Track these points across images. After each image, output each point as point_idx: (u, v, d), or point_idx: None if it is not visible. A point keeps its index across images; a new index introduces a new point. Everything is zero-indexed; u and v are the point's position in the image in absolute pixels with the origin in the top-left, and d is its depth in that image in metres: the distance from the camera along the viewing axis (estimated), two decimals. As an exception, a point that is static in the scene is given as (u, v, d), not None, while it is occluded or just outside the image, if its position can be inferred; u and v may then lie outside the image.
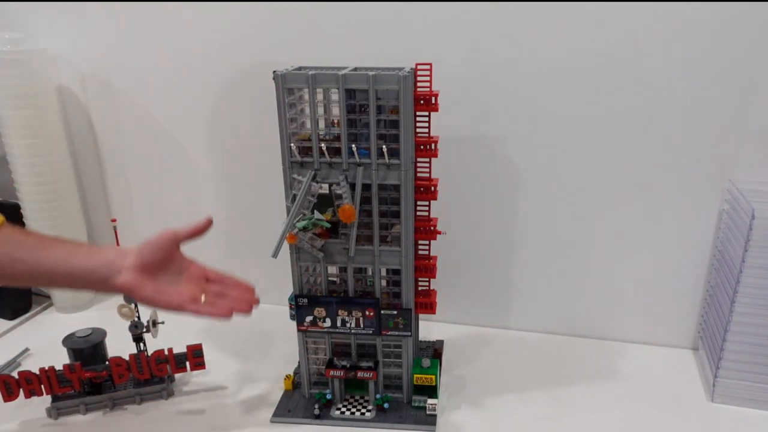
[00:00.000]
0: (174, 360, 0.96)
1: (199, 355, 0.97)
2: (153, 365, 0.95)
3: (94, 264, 0.71)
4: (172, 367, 0.96)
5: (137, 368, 0.95)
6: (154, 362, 0.95)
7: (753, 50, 0.90)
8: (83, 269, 0.71)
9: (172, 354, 0.96)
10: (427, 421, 0.91)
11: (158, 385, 0.98)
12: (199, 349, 0.97)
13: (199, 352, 0.97)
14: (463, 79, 1.01)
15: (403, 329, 0.90)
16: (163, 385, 0.98)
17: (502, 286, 1.15)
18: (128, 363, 0.94)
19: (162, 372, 0.96)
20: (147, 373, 0.95)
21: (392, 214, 0.85)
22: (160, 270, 0.73)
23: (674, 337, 1.10)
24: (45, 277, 0.73)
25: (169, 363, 0.95)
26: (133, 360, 0.95)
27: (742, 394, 0.94)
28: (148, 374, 0.95)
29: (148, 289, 0.71)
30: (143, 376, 0.95)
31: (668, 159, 0.99)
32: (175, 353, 0.96)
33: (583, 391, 0.99)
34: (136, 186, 1.26)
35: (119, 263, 0.71)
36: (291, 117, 0.82)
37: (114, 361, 0.94)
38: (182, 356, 0.96)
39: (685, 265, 1.05)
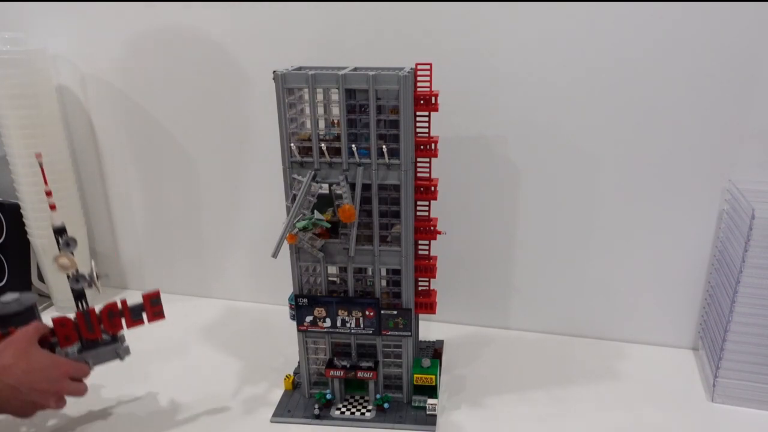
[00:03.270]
0: (129, 312, 0.85)
1: (157, 303, 0.86)
2: (105, 320, 0.84)
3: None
4: (127, 320, 0.85)
5: (86, 327, 0.84)
6: (105, 317, 0.84)
7: (753, 50, 0.90)
8: None
9: (126, 305, 0.85)
10: (427, 421, 0.91)
11: (111, 346, 0.87)
12: (156, 297, 0.86)
13: (156, 299, 0.86)
14: (463, 79, 1.01)
15: (403, 329, 0.90)
16: (115, 345, 0.88)
17: (502, 286, 1.15)
18: (75, 322, 0.84)
19: (116, 327, 0.85)
20: (98, 332, 0.85)
21: (392, 214, 0.85)
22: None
23: (674, 337, 1.10)
24: None
25: (123, 316, 0.85)
26: (81, 317, 0.84)
27: (742, 394, 0.94)
28: (98, 332, 0.85)
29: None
30: (93, 335, 0.85)
31: (668, 159, 0.99)
32: (129, 305, 0.85)
33: (583, 391, 0.99)
34: (136, 186, 1.26)
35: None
36: (291, 117, 0.82)
37: (58, 322, 0.84)
38: (138, 307, 0.86)
39: (685, 265, 1.05)
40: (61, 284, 1.24)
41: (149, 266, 1.33)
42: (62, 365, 0.79)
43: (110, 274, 1.36)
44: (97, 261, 1.34)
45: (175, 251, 1.30)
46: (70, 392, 0.81)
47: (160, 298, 0.87)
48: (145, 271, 1.34)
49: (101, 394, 0.99)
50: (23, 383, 0.74)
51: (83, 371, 0.84)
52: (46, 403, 0.78)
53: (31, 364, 0.75)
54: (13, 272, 1.22)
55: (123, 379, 1.03)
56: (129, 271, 1.35)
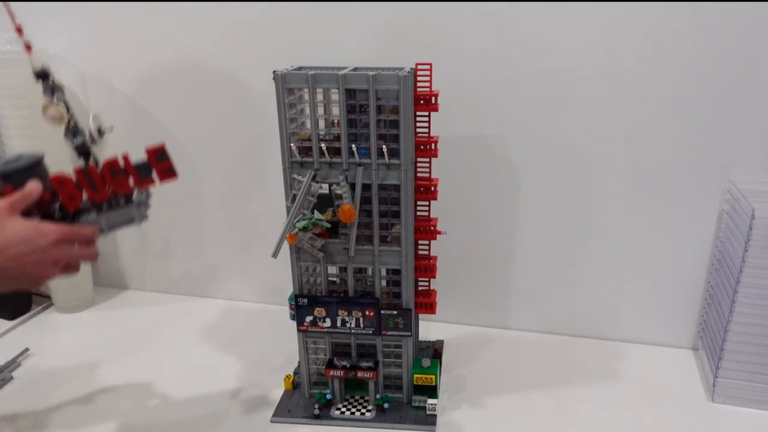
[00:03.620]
0: (134, 170, 0.72)
1: (164, 159, 0.72)
2: (108, 178, 0.72)
3: None
4: (135, 179, 0.73)
5: (89, 185, 0.72)
6: (108, 174, 0.72)
7: (753, 50, 0.90)
8: None
9: (128, 161, 0.72)
10: (427, 421, 0.91)
11: (124, 208, 0.75)
12: (161, 151, 0.72)
13: (162, 154, 0.72)
14: (463, 79, 1.01)
15: (403, 329, 0.90)
16: (131, 205, 0.75)
17: (502, 286, 1.15)
18: (76, 181, 0.72)
19: (123, 187, 0.73)
20: (104, 192, 0.73)
21: (392, 214, 0.85)
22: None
23: (674, 337, 1.10)
24: None
25: (130, 175, 0.73)
26: (81, 174, 0.72)
27: (742, 394, 0.94)
28: (105, 193, 0.73)
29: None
30: (99, 195, 0.73)
31: (668, 159, 0.99)
32: (134, 162, 0.72)
33: (583, 391, 0.99)
34: (136, 186, 1.26)
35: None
36: (291, 117, 0.82)
37: (57, 180, 0.72)
38: (144, 165, 0.73)
39: (685, 265, 1.05)
40: (61, 284, 1.24)
41: (149, 266, 1.33)
42: (49, 232, 0.68)
43: (110, 274, 1.36)
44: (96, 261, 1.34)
45: (175, 251, 1.30)
46: (73, 257, 0.72)
47: (166, 151, 0.72)
48: (145, 271, 1.34)
49: (100, 393, 0.99)
50: (4, 257, 0.66)
51: (83, 234, 0.72)
52: (46, 273, 0.70)
53: (7, 235, 0.66)
54: (13, 272, 1.22)
55: (123, 379, 1.03)
56: (129, 271, 1.35)
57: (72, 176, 0.73)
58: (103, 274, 1.36)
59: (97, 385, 1.02)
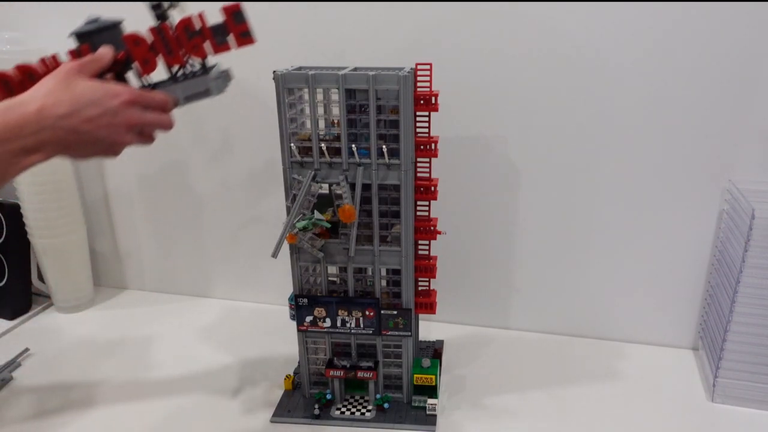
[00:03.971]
0: (210, 33, 0.69)
1: (241, 21, 0.69)
2: (183, 40, 0.69)
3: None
4: (212, 43, 0.70)
5: (164, 47, 0.70)
6: (183, 34, 0.69)
7: (753, 50, 0.90)
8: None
9: (204, 21, 0.69)
10: (427, 421, 0.91)
11: (200, 78, 0.73)
12: (238, 11, 0.69)
13: (239, 15, 0.69)
14: (463, 79, 1.01)
15: (403, 329, 0.90)
16: (208, 76, 0.73)
17: (502, 286, 1.15)
18: (150, 43, 0.69)
19: (198, 51, 0.70)
20: (178, 56, 0.70)
21: (392, 214, 0.85)
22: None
23: (674, 337, 1.10)
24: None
25: (205, 37, 0.70)
26: (156, 34, 0.69)
27: (742, 394, 0.94)
28: (179, 57, 0.71)
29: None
30: (174, 59, 0.71)
31: (668, 159, 0.99)
32: (210, 24, 0.69)
33: (583, 391, 0.99)
34: (136, 186, 1.26)
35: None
36: (291, 117, 0.82)
37: (131, 39, 0.69)
38: (221, 27, 0.70)
39: (685, 265, 1.05)
40: (61, 284, 1.24)
41: (149, 266, 1.33)
42: (121, 92, 0.65)
43: (110, 274, 1.36)
44: (96, 261, 1.34)
45: (175, 251, 1.30)
46: (149, 123, 0.68)
47: (243, 12, 0.69)
48: (145, 271, 1.34)
49: (100, 393, 0.99)
50: (75, 121, 0.61)
51: (158, 100, 0.69)
52: (119, 137, 0.65)
53: (75, 95, 0.62)
54: (13, 272, 1.22)
55: (123, 379, 1.03)
56: (129, 271, 1.35)
57: (147, 37, 0.69)
58: (103, 274, 1.36)
59: (97, 385, 1.02)
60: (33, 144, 0.58)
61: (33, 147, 0.58)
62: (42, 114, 0.58)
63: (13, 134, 0.56)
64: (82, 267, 1.27)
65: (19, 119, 0.56)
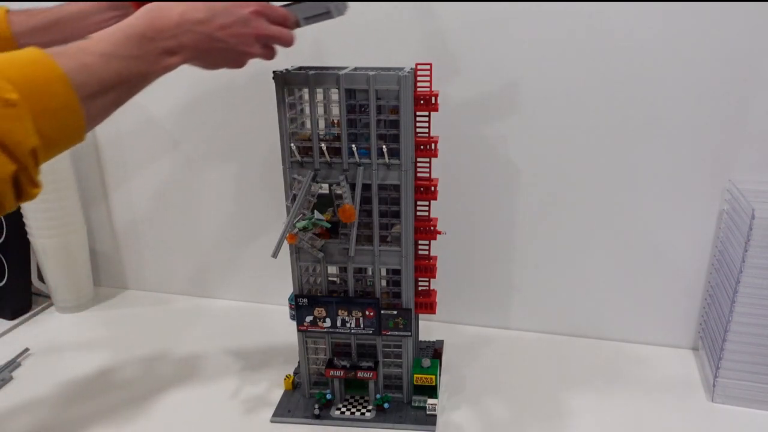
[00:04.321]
0: None
1: None
2: None
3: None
4: None
5: None
6: None
7: (753, 50, 0.90)
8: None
9: None
10: (427, 421, 0.91)
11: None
12: None
13: None
14: (463, 79, 1.01)
15: (403, 329, 0.90)
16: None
17: (502, 286, 1.15)
18: None
19: None
20: None
21: (392, 214, 0.85)
22: None
23: (674, 337, 1.10)
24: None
25: None
26: None
27: (742, 394, 0.94)
28: None
29: None
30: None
31: (668, 159, 0.99)
32: None
33: (583, 391, 0.99)
34: (136, 186, 1.26)
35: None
36: (291, 117, 0.82)
37: None
38: None
39: (685, 265, 1.05)
40: (61, 284, 1.24)
41: (149, 266, 1.33)
42: (249, 3, 0.67)
43: (110, 274, 1.36)
44: (96, 261, 1.34)
45: (175, 251, 1.30)
46: (272, 36, 0.70)
47: None
48: (145, 271, 1.34)
49: (100, 393, 0.99)
50: (211, 27, 0.64)
51: (281, 13, 0.71)
52: (248, 47, 0.68)
53: (208, 6, 0.65)
54: (13, 272, 1.22)
55: (123, 379, 1.03)
56: (129, 271, 1.35)
57: None
58: (103, 274, 1.36)
59: (97, 385, 1.02)
60: (173, 45, 0.61)
61: (173, 48, 0.61)
62: (183, 18, 0.61)
63: (158, 34, 0.60)
64: (82, 267, 1.27)
65: (164, 21, 0.60)
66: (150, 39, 0.60)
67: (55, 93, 0.50)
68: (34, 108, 0.48)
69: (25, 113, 0.47)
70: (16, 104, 0.47)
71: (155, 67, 0.62)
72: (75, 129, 0.53)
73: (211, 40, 0.65)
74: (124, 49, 0.57)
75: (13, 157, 0.47)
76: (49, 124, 0.50)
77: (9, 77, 0.47)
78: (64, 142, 0.54)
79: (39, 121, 0.49)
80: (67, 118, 0.52)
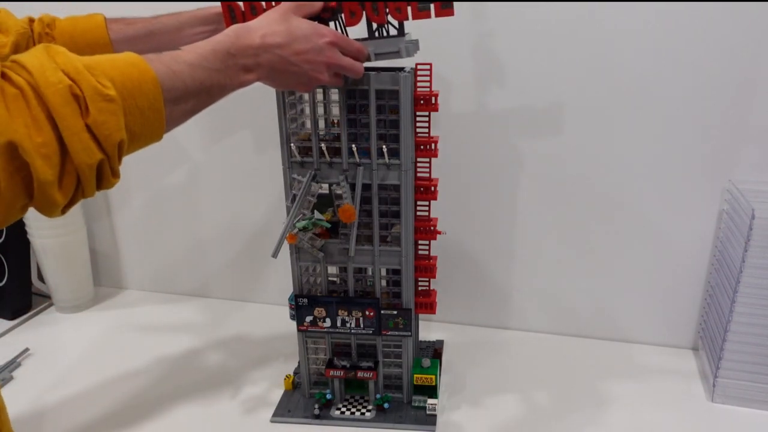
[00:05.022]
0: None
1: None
2: (390, 1, 0.75)
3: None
4: (413, 8, 0.76)
5: (371, 6, 0.76)
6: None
7: (753, 50, 0.90)
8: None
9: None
10: (427, 421, 0.91)
11: (394, 39, 0.78)
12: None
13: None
14: (463, 79, 1.01)
15: (403, 329, 0.90)
16: (399, 38, 0.78)
17: (502, 286, 1.15)
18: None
19: (401, 14, 0.76)
20: (382, 14, 0.76)
21: (392, 214, 0.85)
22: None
23: (674, 337, 1.10)
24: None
25: (409, 2, 0.75)
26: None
27: (742, 394, 0.94)
28: (383, 16, 0.76)
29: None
30: (377, 18, 0.77)
31: (668, 159, 0.99)
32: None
33: (583, 391, 0.99)
34: (136, 186, 1.26)
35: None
36: (291, 117, 0.82)
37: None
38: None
39: (685, 265, 1.05)
40: (62, 284, 1.24)
41: (149, 266, 1.33)
42: (326, 33, 0.72)
43: (110, 274, 1.36)
44: (96, 261, 1.34)
45: (175, 251, 1.30)
46: (344, 66, 0.74)
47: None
48: (145, 271, 1.34)
49: (100, 393, 0.99)
50: (288, 51, 0.69)
51: (355, 47, 0.76)
52: (318, 74, 0.73)
53: (291, 28, 0.70)
54: (13, 272, 1.22)
55: (123, 379, 1.03)
56: (129, 271, 1.35)
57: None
58: (103, 274, 1.36)
59: (97, 385, 1.02)
60: (252, 64, 0.67)
61: (251, 66, 0.67)
62: (264, 41, 0.67)
63: (240, 51, 0.66)
64: (82, 267, 1.27)
65: (247, 41, 0.66)
66: (232, 55, 0.65)
67: (146, 93, 0.55)
68: (126, 104, 0.53)
69: (119, 109, 0.52)
70: (114, 100, 0.51)
71: (233, 81, 0.67)
72: (156, 128, 0.58)
73: (286, 63, 0.69)
74: (210, 62, 0.63)
75: (102, 147, 0.52)
76: (136, 121, 0.55)
77: (109, 76, 0.52)
78: (145, 139, 0.59)
79: (128, 117, 0.53)
80: (152, 117, 0.57)
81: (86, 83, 0.50)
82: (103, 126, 0.51)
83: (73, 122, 0.49)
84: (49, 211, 0.53)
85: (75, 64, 0.50)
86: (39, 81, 0.48)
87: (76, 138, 0.49)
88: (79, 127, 0.49)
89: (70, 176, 0.52)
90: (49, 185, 0.49)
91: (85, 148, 0.50)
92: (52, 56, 0.50)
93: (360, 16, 0.77)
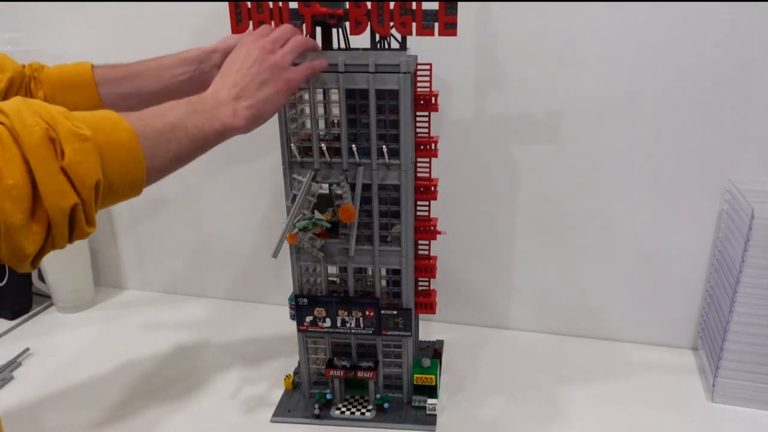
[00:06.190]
0: (422, 15, 0.76)
1: (452, 12, 0.76)
2: (396, 16, 0.77)
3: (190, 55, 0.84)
4: (418, 23, 0.77)
5: (377, 18, 0.78)
6: (397, 11, 0.77)
7: (753, 50, 0.90)
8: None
9: (420, 4, 0.76)
10: (427, 421, 0.91)
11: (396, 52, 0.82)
12: (454, 2, 0.76)
13: (453, 6, 0.76)
14: (462, 79, 1.01)
15: (403, 329, 0.90)
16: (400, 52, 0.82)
17: (502, 286, 1.15)
18: (368, 9, 0.78)
19: (405, 29, 0.78)
20: (386, 27, 0.78)
21: (392, 214, 0.85)
22: None
23: (674, 337, 1.10)
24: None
25: (414, 18, 0.77)
26: (375, 7, 0.77)
27: (742, 394, 0.94)
28: (387, 28, 0.78)
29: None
30: (382, 30, 0.78)
31: (668, 159, 0.99)
32: (423, 7, 0.77)
33: (582, 391, 0.99)
34: (136, 186, 1.26)
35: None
36: (291, 117, 0.82)
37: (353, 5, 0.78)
38: (431, 13, 0.77)
39: (685, 265, 1.05)
40: (62, 284, 1.24)
41: (149, 266, 1.33)
42: (252, 45, 0.73)
43: (110, 274, 1.36)
44: (96, 261, 1.34)
45: (175, 251, 1.30)
46: (292, 52, 0.75)
47: (456, 6, 0.76)
48: (145, 271, 1.34)
49: (100, 393, 0.99)
50: (243, 73, 0.72)
51: (282, 31, 0.76)
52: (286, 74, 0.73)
53: (229, 62, 0.73)
54: (13, 272, 1.22)
55: (123, 379, 1.03)
56: (129, 271, 1.35)
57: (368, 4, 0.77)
58: (103, 274, 1.36)
59: (97, 385, 1.02)
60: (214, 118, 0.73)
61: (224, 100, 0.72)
62: (225, 78, 0.72)
63: (210, 94, 0.71)
64: (82, 267, 1.27)
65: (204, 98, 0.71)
66: (202, 97, 0.69)
67: (120, 140, 0.55)
68: (101, 146, 0.52)
69: (94, 148, 0.51)
70: (89, 139, 0.51)
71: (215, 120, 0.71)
72: (136, 178, 0.57)
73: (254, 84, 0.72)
74: (180, 106, 0.66)
75: (77, 190, 0.50)
76: (112, 167, 0.54)
77: (84, 120, 0.52)
78: (124, 189, 0.57)
79: (104, 160, 0.53)
80: (130, 164, 0.56)
81: (62, 126, 0.50)
82: (79, 166, 0.50)
83: (47, 164, 0.48)
84: (18, 262, 0.50)
85: (51, 111, 0.50)
86: (15, 123, 0.48)
87: (50, 180, 0.48)
88: (53, 168, 0.48)
89: (41, 222, 0.49)
90: (17, 230, 0.47)
91: (58, 191, 0.49)
92: (29, 104, 0.50)
93: (365, 27, 0.78)
